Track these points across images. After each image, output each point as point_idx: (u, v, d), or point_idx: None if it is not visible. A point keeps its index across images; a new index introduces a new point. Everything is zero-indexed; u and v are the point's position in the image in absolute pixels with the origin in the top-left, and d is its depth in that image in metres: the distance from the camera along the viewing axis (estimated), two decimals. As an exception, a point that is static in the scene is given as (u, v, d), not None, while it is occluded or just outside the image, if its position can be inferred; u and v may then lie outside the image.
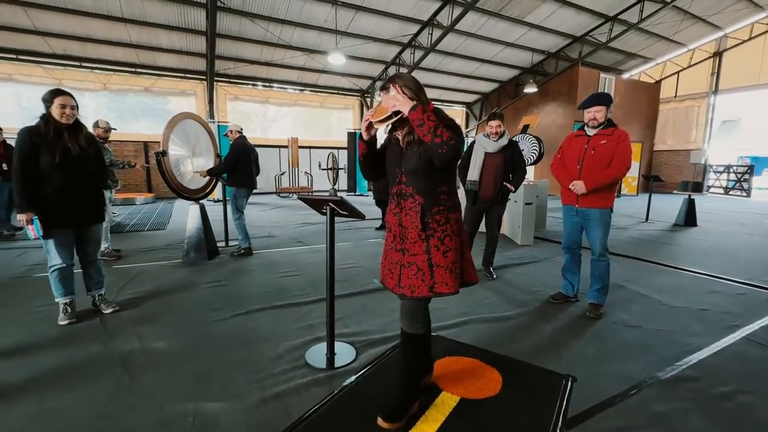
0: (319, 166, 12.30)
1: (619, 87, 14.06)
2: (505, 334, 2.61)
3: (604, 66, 14.24)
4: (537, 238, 5.74)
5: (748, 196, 13.34)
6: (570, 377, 2.05)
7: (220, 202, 7.34)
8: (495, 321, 2.82)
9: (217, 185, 4.87)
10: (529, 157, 5.58)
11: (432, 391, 1.90)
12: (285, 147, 12.56)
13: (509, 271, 4.10)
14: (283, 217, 7.88)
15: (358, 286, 3.50)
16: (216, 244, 4.62)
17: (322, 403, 1.82)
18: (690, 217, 7.15)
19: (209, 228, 4.46)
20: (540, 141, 5.64)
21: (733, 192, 13.88)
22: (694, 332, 2.67)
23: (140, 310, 2.93)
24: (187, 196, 4.30)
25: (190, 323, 2.71)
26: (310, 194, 11.29)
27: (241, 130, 4.65)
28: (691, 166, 14.61)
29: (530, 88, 12.91)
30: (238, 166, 4.41)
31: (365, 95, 14.00)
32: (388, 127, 1.60)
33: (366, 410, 1.73)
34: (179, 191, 4.14)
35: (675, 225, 7.19)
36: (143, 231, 6.25)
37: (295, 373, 2.07)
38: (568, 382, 2.00)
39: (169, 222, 7.07)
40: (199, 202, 4.42)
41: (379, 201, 5.77)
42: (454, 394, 1.88)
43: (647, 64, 15.16)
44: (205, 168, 4.51)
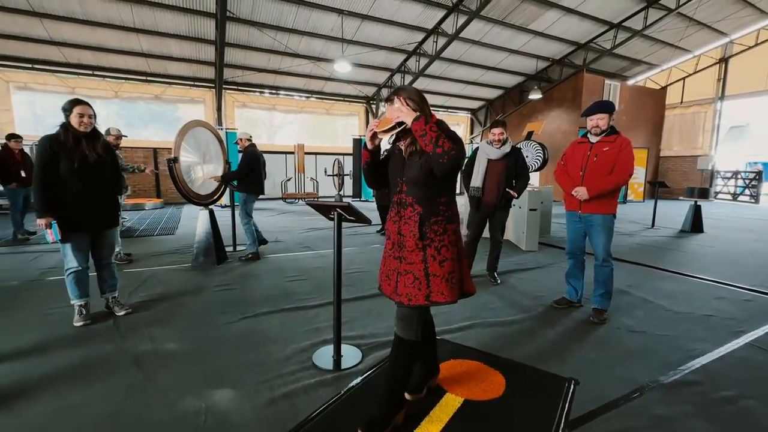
0: (325, 172, 12.42)
1: (624, 93, 14.07)
2: (509, 338, 2.65)
3: (608, 72, 14.27)
4: (542, 243, 5.76)
5: (757, 202, 13.22)
6: (572, 380, 2.08)
7: (228, 207, 7.46)
8: (499, 325, 2.86)
9: (226, 191, 4.97)
10: (533, 163, 5.62)
11: (437, 393, 1.95)
12: (291, 153, 12.72)
13: (514, 277, 4.13)
14: (289, 222, 7.98)
15: (364, 291, 3.55)
16: (224, 249, 4.71)
17: (329, 403, 1.87)
18: (696, 224, 7.12)
19: (218, 233, 4.55)
20: (544, 147, 5.68)
21: (742, 198, 13.76)
22: (698, 338, 2.68)
23: (152, 313, 3.01)
24: (197, 202, 4.40)
25: (201, 325, 2.78)
26: (316, 200, 11.39)
27: (251, 138, 4.81)
28: (698, 172, 14.54)
29: (535, 95, 12.97)
30: (251, 173, 4.58)
31: (371, 102, 14.15)
32: (392, 137, 1.65)
33: (372, 410, 1.77)
34: (189, 197, 4.24)
35: (681, 231, 7.16)
36: (153, 236, 6.37)
37: (303, 374, 2.13)
38: (571, 385, 2.03)
39: (178, 227, 7.20)
40: (208, 207, 4.52)
41: (380, 206, 5.86)
42: (458, 396, 1.92)
43: (652, 71, 15.17)
44: (216, 174, 4.62)
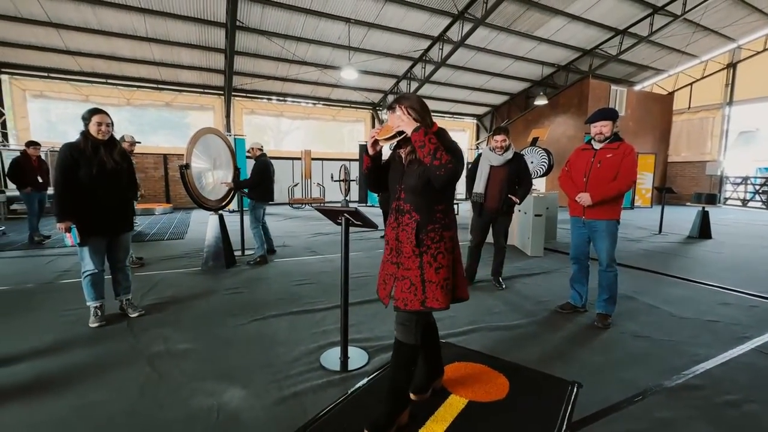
0: (332, 177, 12.55)
1: (631, 99, 14.05)
2: (513, 342, 2.68)
3: (615, 78, 14.28)
4: (547, 249, 5.77)
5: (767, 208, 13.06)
6: (576, 383, 2.11)
7: (236, 212, 7.58)
8: (503, 329, 2.89)
9: (235, 196, 5.07)
10: (539, 169, 5.66)
11: (441, 394, 1.99)
12: (298, 159, 12.87)
13: (518, 282, 4.15)
14: (296, 227, 8.07)
15: (370, 294, 3.60)
16: (233, 253, 4.80)
17: (337, 403, 1.92)
18: (704, 230, 7.08)
19: (227, 237, 4.64)
20: (549, 153, 5.72)
21: (752, 204, 13.59)
22: (702, 343, 2.69)
23: (164, 315, 3.09)
24: (208, 207, 4.50)
25: (211, 327, 2.86)
26: (323, 205, 11.49)
27: (262, 148, 5.04)
28: (706, 178, 14.42)
29: (540, 101, 13.01)
30: (263, 182, 4.81)
31: (377, 108, 14.29)
32: (393, 144, 1.70)
33: (377, 410, 1.82)
34: (200, 202, 4.34)
35: (689, 237, 7.12)
36: (163, 240, 6.49)
37: (311, 375, 2.19)
38: (574, 388, 2.06)
39: (187, 231, 7.33)
40: (218, 212, 4.62)
41: (385, 212, 5.95)
42: (462, 397, 1.96)
43: (659, 76, 15.14)
44: (227, 180, 4.73)
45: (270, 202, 5.06)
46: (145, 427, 1.74)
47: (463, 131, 17.03)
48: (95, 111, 2.73)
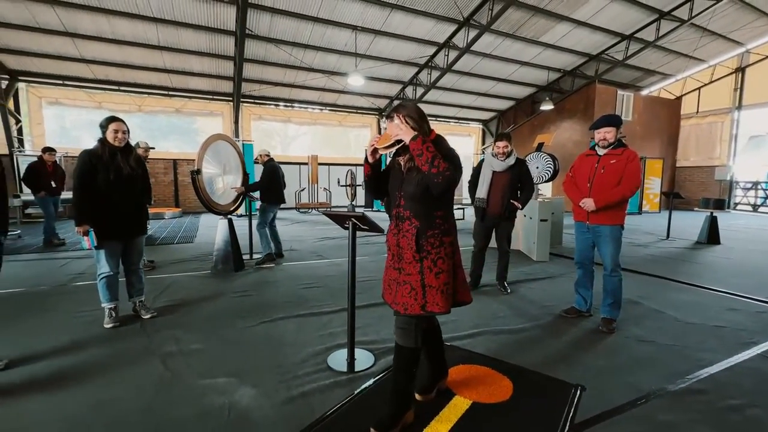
0: (338, 182, 12.65)
1: (638, 104, 13.99)
2: (518, 346, 2.71)
3: (621, 83, 14.24)
4: (553, 254, 5.78)
5: (779, 213, 12.88)
6: (579, 386, 2.14)
7: (244, 216, 7.69)
8: (508, 333, 2.92)
9: (244, 201, 5.17)
10: (544, 174, 5.68)
11: (446, 395, 2.03)
12: (305, 164, 13.01)
13: (523, 286, 4.17)
14: (303, 231, 8.16)
15: (376, 298, 3.65)
16: (242, 257, 4.88)
17: (343, 403, 1.98)
18: (713, 235, 7.02)
19: (236, 241, 4.73)
20: (554, 158, 5.74)
21: (763, 209, 13.42)
22: (707, 348, 2.70)
23: (175, 317, 3.17)
24: (218, 211, 4.60)
25: (221, 329, 2.93)
26: (330, 209, 11.62)
27: (269, 154, 5.23)
28: (716, 183, 14.28)
29: (546, 106, 13.02)
30: (273, 185, 4.98)
31: (383, 114, 14.41)
32: (392, 152, 1.74)
33: (383, 410, 1.87)
34: (211, 206, 4.44)
35: (697, 243, 7.07)
36: (173, 244, 6.61)
37: (318, 376, 2.24)
38: (577, 391, 2.09)
39: (197, 235, 7.45)
40: (227, 216, 4.71)
41: (389, 216, 6.05)
42: (466, 398, 2.00)
43: (666, 81, 15.07)
44: (236, 184, 4.84)
45: (281, 205, 5.24)
46: (160, 424, 1.80)
47: (469, 136, 17.08)
48: (112, 119, 2.84)
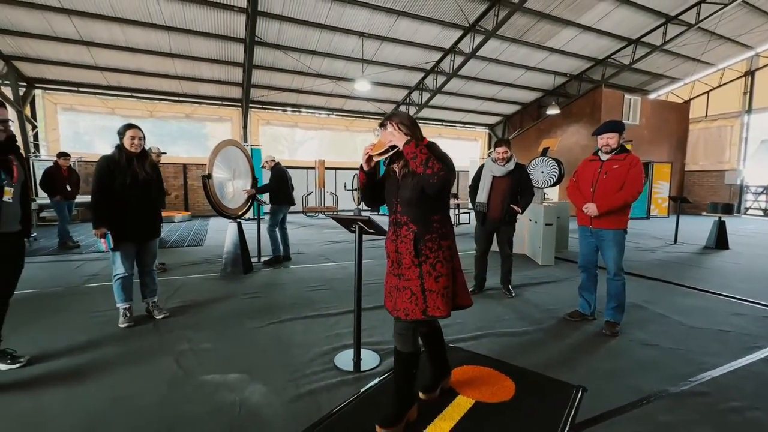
0: (345, 186, 12.76)
1: (646, 107, 13.94)
2: (521, 348, 2.75)
3: (628, 87, 14.20)
4: (558, 258, 5.79)
5: (791, 218, 12.70)
6: (581, 388, 2.17)
7: (253, 220, 7.81)
8: (511, 335, 2.96)
9: (253, 205, 5.28)
10: (549, 179, 5.70)
11: (449, 394, 2.09)
12: (312, 168, 13.15)
13: (528, 290, 4.20)
14: (310, 235, 8.26)
15: (381, 301, 3.69)
16: (251, 260, 4.98)
17: (350, 400, 2.04)
18: (721, 240, 6.97)
19: (245, 244, 4.83)
20: (560, 163, 5.76)
21: (774, 214, 13.24)
22: (711, 352, 2.71)
23: (187, 317, 3.27)
24: (228, 215, 4.71)
25: (231, 329, 3.01)
26: (337, 213, 11.74)
27: (275, 158, 5.45)
28: (726, 187, 14.13)
29: (553, 110, 13.03)
30: (281, 187, 5.15)
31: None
32: (387, 159, 1.78)
33: (388, 408, 1.92)
34: (221, 210, 4.55)
35: (705, 247, 7.02)
36: (183, 247, 6.75)
37: (326, 374, 2.31)
38: (579, 392, 2.13)
39: (206, 239, 7.58)
40: (237, 220, 4.82)
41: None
42: (469, 398, 2.05)
43: (675, 84, 14.99)
44: (245, 188, 4.95)
45: (291, 206, 5.42)
46: (175, 419, 1.88)
47: (476, 140, 17.12)
48: (129, 126, 2.96)
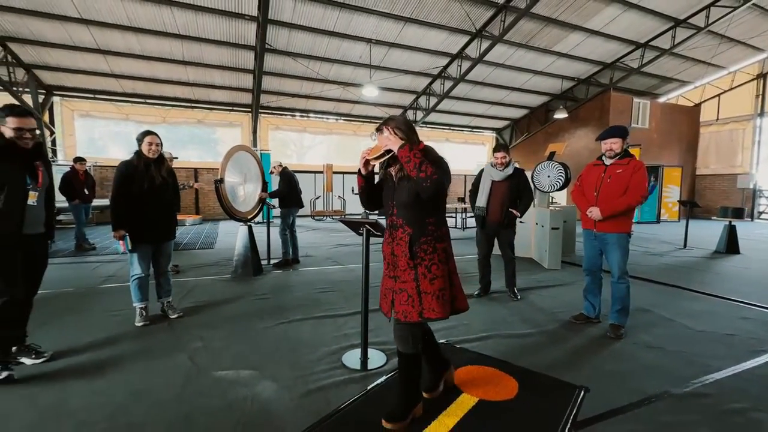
0: (353, 190, 12.86)
1: (655, 111, 13.84)
2: (525, 349, 2.80)
3: (637, 90, 14.11)
4: (565, 262, 5.80)
5: (806, 223, 12.46)
6: (583, 388, 2.21)
7: (262, 223, 7.95)
8: (516, 337, 3.01)
9: (263, 208, 5.40)
10: (555, 183, 5.73)
11: (454, 392, 2.14)
12: (320, 172, 13.30)
13: (534, 293, 4.24)
14: (318, 238, 8.37)
15: (389, 303, 3.78)
16: (260, 262, 5.09)
17: (357, 397, 2.11)
18: (731, 244, 6.90)
19: (255, 247, 4.95)
20: (566, 167, 5.77)
21: (789, 218, 13.00)
22: (716, 355, 2.73)
23: (199, 317, 3.37)
24: (239, 218, 4.83)
25: (242, 329, 3.11)
26: (345, 217, 11.82)
27: (282, 164, 5.64)
28: (738, 191, 13.93)
29: (560, 114, 13.01)
30: (292, 191, 5.33)
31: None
32: (384, 164, 1.83)
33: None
34: (232, 213, 4.67)
35: (715, 252, 6.96)
36: (194, 249, 6.90)
37: (334, 372, 2.39)
38: (581, 392, 2.17)
39: (216, 241, 7.74)
40: (248, 223, 4.94)
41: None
42: (473, 396, 2.11)
43: (685, 88, 14.86)
44: (256, 192, 5.07)
45: (300, 208, 5.62)
46: (191, 411, 1.97)
47: (483, 145, 17.14)
48: (147, 133, 3.09)
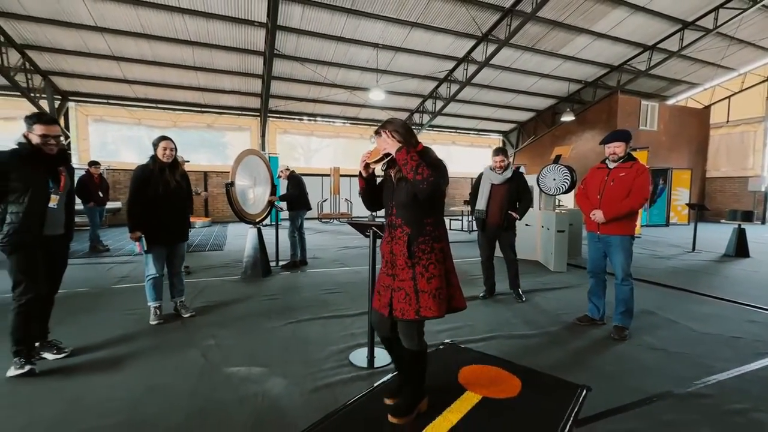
0: (359, 193, 12.97)
1: (664, 113, 13.75)
2: (529, 350, 2.84)
3: (645, 93, 14.04)
4: (571, 265, 5.81)
5: (819, 226, 12.25)
6: (585, 387, 2.26)
7: (271, 225, 8.08)
8: (520, 338, 3.05)
9: (272, 211, 5.52)
10: (561, 186, 5.75)
11: (458, 391, 2.20)
12: (327, 175, 13.44)
13: (539, 295, 4.27)
14: (325, 240, 8.47)
15: (395, 304, 3.84)
16: (269, 264, 5.19)
17: (364, 394, 2.18)
18: (741, 248, 6.84)
19: (264, 249, 5.05)
20: (572, 170, 5.80)
21: (802, 222, 12.79)
22: (720, 357, 2.74)
23: (211, 316, 3.48)
24: (248, 220, 4.94)
25: (252, 328, 3.20)
26: (352, 219, 11.93)
27: (289, 167, 5.78)
28: (749, 194, 13.74)
29: (567, 117, 12.99)
30: (301, 193, 5.47)
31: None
32: (383, 165, 1.90)
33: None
34: (242, 216, 4.79)
35: (724, 256, 6.90)
36: (204, 251, 7.04)
37: (341, 370, 2.46)
38: (583, 391, 2.21)
39: (226, 243, 7.87)
40: (257, 226, 5.05)
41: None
42: (476, 394, 2.17)
43: (694, 90, 14.74)
44: (265, 195, 5.18)
45: (308, 210, 5.72)
46: (205, 405, 2.06)
47: (489, 147, 17.12)
48: (162, 138, 3.21)
